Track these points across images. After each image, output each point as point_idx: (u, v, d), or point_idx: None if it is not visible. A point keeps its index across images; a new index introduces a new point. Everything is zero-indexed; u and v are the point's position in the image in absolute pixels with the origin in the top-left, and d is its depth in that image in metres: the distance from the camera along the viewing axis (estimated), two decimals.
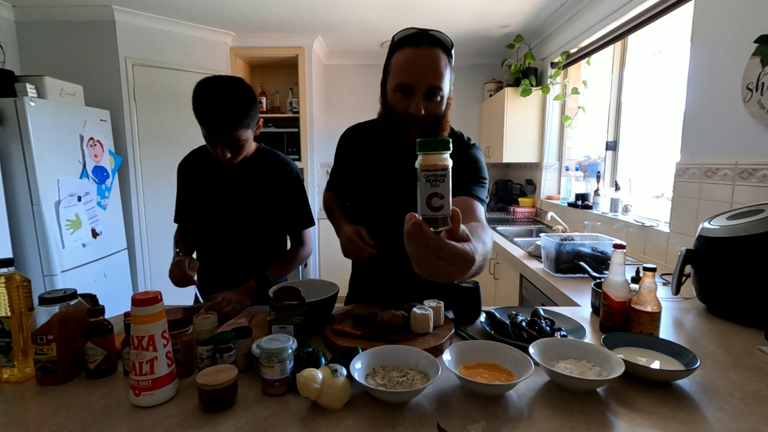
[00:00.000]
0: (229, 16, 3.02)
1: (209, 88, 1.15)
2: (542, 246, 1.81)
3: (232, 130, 1.15)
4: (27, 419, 0.70)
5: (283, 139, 3.56)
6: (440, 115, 1.02)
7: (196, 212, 1.35)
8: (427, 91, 0.97)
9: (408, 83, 0.97)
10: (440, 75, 0.96)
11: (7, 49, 2.75)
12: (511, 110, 3.26)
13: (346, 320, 1.06)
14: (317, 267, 3.84)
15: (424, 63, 0.95)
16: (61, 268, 2.30)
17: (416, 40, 0.96)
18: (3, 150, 2.15)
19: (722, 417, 0.71)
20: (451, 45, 0.99)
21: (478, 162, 1.12)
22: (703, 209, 1.65)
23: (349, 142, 1.24)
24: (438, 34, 0.97)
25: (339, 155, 1.26)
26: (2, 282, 0.79)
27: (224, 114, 1.13)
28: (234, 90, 1.16)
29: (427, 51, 0.95)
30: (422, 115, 0.98)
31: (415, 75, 0.96)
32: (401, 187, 1.10)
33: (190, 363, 0.85)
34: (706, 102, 1.66)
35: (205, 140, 1.21)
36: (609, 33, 2.42)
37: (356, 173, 1.20)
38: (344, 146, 1.25)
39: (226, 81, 1.17)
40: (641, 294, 1.00)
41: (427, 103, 0.98)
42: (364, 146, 1.19)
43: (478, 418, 0.70)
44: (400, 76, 0.98)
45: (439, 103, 1.00)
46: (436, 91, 0.97)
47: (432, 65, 0.95)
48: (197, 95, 1.14)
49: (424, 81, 0.96)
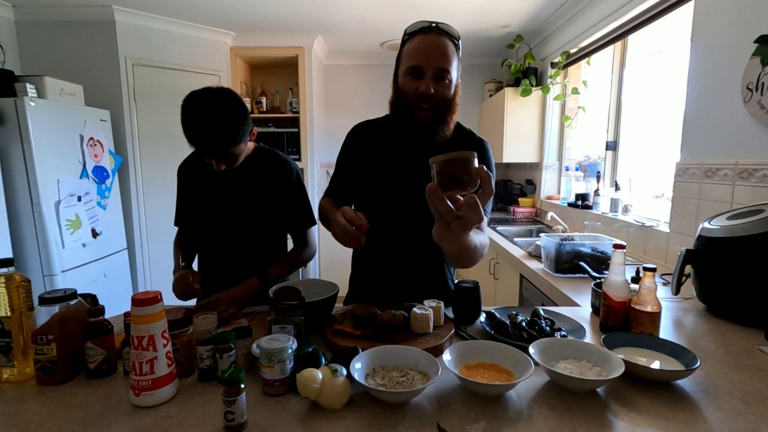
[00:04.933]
0: (229, 16, 3.02)
1: (197, 109, 1.11)
2: (542, 246, 1.81)
3: (224, 150, 1.14)
4: (27, 419, 0.70)
5: (283, 139, 3.56)
6: (449, 97, 1.06)
7: (197, 215, 1.35)
8: (435, 73, 1.03)
9: (418, 65, 1.03)
10: (448, 58, 1.03)
11: (7, 49, 2.75)
12: (511, 110, 3.26)
13: (346, 320, 1.06)
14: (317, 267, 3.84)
15: (433, 47, 1.02)
16: (61, 268, 2.30)
17: (426, 29, 1.04)
18: (3, 150, 2.15)
19: (722, 417, 0.71)
20: (459, 37, 1.07)
21: (488, 164, 1.13)
22: (703, 209, 1.65)
23: (358, 138, 1.23)
24: (446, 26, 1.05)
25: (347, 151, 1.24)
26: (2, 282, 0.79)
27: (214, 137, 1.11)
28: (223, 109, 1.12)
29: (436, 37, 1.03)
30: (431, 94, 1.02)
31: (425, 57, 1.02)
32: (409, 184, 1.10)
33: (190, 363, 0.85)
34: (706, 102, 1.66)
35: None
36: (609, 33, 2.42)
37: (364, 169, 1.19)
38: (353, 142, 1.23)
39: (213, 100, 1.12)
40: (641, 294, 1.00)
41: (436, 85, 1.03)
42: (373, 142, 1.19)
43: (478, 418, 0.70)
44: (411, 59, 1.04)
45: (448, 86, 1.05)
46: (444, 73, 1.03)
47: (440, 49, 1.02)
48: (186, 117, 1.11)
49: (433, 62, 1.02)
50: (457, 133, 1.16)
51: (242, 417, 0.66)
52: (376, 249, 1.19)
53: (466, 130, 1.19)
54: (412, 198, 1.08)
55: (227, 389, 0.65)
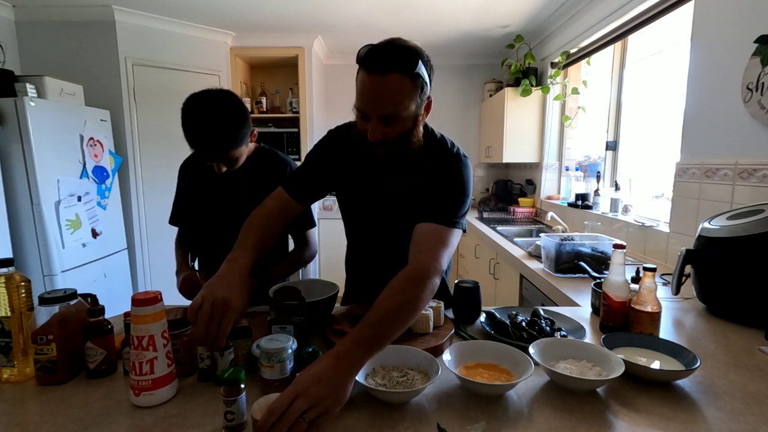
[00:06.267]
0: (229, 16, 3.02)
1: (197, 111, 1.10)
2: (542, 246, 1.81)
3: (225, 153, 1.14)
4: (27, 419, 0.70)
5: (283, 139, 3.56)
6: (404, 131, 0.94)
7: (197, 214, 1.35)
8: (381, 119, 0.91)
9: (362, 110, 0.91)
10: (393, 103, 0.89)
11: (7, 49, 2.75)
12: (511, 110, 3.26)
13: (346, 320, 1.06)
14: (317, 267, 3.84)
15: (376, 92, 0.88)
16: (61, 268, 2.30)
17: (370, 63, 0.87)
18: (3, 150, 2.15)
19: (722, 417, 0.71)
20: (416, 61, 0.87)
21: (463, 180, 1.02)
22: (703, 209, 1.65)
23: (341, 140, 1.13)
24: (398, 51, 0.87)
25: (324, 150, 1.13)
26: (2, 282, 0.79)
27: (214, 140, 1.10)
28: (223, 112, 1.11)
29: (379, 78, 0.86)
30: (380, 139, 0.92)
31: (368, 103, 0.90)
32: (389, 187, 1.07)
33: (190, 363, 0.85)
34: (706, 102, 1.66)
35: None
36: (609, 33, 2.42)
37: (347, 173, 1.12)
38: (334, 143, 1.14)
39: (214, 102, 1.11)
40: (641, 294, 1.00)
41: (385, 128, 0.91)
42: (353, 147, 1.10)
43: (478, 418, 0.70)
44: (357, 99, 0.92)
45: (399, 126, 0.93)
46: (390, 118, 0.90)
47: (384, 94, 0.88)
48: (186, 120, 1.10)
49: (376, 110, 0.90)
50: (432, 145, 1.04)
51: (242, 417, 0.66)
52: (365, 253, 1.19)
53: (439, 139, 1.06)
54: (394, 200, 1.06)
55: (227, 389, 0.65)
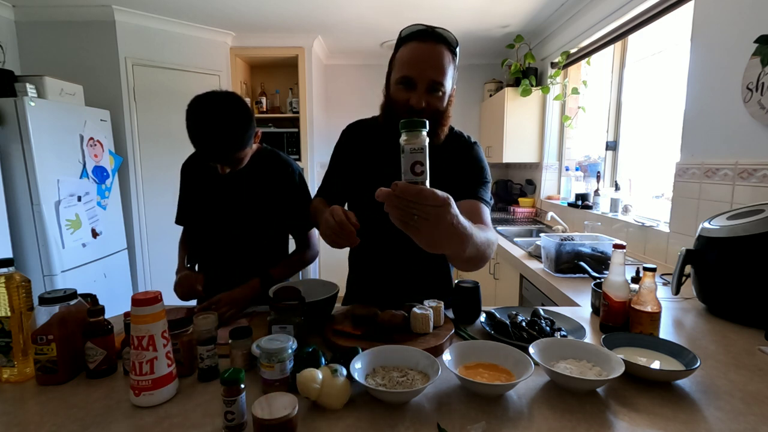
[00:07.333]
0: (229, 16, 3.02)
1: (202, 113, 1.10)
2: (542, 246, 1.81)
3: (230, 155, 1.14)
4: (27, 419, 0.70)
5: (283, 139, 3.56)
6: (441, 109, 1.02)
7: (199, 214, 1.35)
8: (428, 86, 0.98)
9: (411, 76, 0.98)
10: (443, 71, 0.97)
11: (7, 49, 2.75)
12: (511, 110, 3.26)
13: (346, 320, 1.05)
14: (317, 267, 3.84)
15: (427, 58, 0.96)
16: (61, 268, 2.30)
17: (422, 36, 0.97)
18: (3, 150, 2.15)
19: (722, 417, 0.71)
20: (456, 43, 1.01)
21: (481, 162, 1.13)
22: (703, 209, 1.65)
23: (352, 137, 1.22)
24: (444, 32, 0.99)
25: (340, 150, 1.24)
26: (2, 282, 0.79)
27: (219, 142, 1.10)
28: (228, 114, 1.11)
29: (431, 47, 0.97)
30: (423, 107, 0.98)
31: (419, 69, 0.97)
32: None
33: (190, 363, 0.85)
34: (706, 102, 1.66)
35: None
36: (609, 33, 2.42)
37: (357, 169, 1.18)
38: (346, 141, 1.23)
39: (219, 104, 1.12)
40: (641, 294, 1.00)
41: (428, 97, 0.99)
42: (367, 142, 1.18)
43: (478, 418, 0.70)
44: (403, 69, 0.99)
45: (440, 98, 1.01)
46: (437, 86, 0.98)
47: (435, 60, 0.97)
48: (191, 121, 1.10)
49: (426, 75, 0.97)
50: (449, 137, 1.13)
51: (242, 417, 0.66)
52: (372, 250, 1.19)
53: (456, 132, 1.16)
54: None
55: (227, 389, 0.65)
